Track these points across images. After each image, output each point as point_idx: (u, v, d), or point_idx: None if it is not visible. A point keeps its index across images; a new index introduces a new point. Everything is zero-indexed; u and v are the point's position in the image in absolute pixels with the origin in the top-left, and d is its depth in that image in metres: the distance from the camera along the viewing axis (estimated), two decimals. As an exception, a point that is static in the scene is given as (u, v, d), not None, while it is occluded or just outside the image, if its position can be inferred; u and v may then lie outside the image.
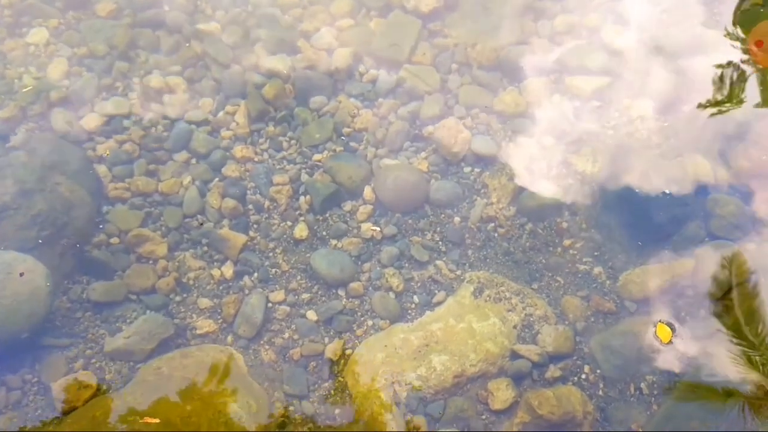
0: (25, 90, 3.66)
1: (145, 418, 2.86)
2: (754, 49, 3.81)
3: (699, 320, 3.18)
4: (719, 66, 3.81)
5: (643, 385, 3.10)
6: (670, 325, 3.17)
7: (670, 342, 3.14)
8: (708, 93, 3.75)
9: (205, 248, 3.39)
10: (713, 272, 3.27)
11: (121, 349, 3.11)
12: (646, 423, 3.02)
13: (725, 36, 3.92)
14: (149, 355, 3.10)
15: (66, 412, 2.93)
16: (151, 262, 3.33)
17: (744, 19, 3.94)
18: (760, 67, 3.78)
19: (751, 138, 3.61)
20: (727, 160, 3.59)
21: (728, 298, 3.20)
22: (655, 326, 3.18)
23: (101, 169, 3.53)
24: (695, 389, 3.05)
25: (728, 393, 3.00)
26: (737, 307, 3.17)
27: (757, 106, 3.70)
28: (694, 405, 3.03)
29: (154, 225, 3.43)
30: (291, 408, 3.04)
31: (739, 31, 3.92)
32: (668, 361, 3.11)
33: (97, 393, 2.99)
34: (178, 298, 3.28)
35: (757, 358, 3.05)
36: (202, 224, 3.44)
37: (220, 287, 3.31)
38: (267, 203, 3.51)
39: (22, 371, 3.06)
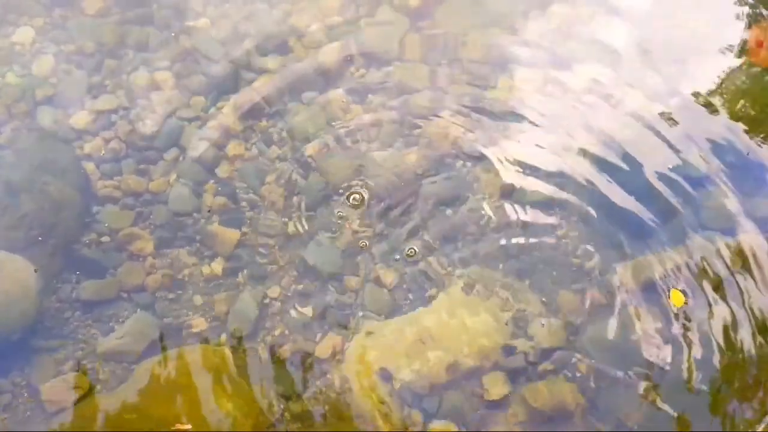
0: None
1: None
2: (754, 48, 3.80)
3: (692, 311, 3.19)
4: (716, 61, 3.83)
5: (633, 376, 3.10)
6: (683, 292, 3.20)
7: (684, 305, 3.17)
8: (703, 87, 3.77)
9: (197, 245, 3.38)
10: (706, 263, 3.29)
11: (113, 350, 3.10)
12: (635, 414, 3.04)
13: (723, 31, 3.93)
14: (141, 356, 3.09)
15: (56, 414, 2.93)
16: (141, 259, 3.32)
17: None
18: (760, 66, 3.79)
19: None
20: (718, 152, 3.60)
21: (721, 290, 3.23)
22: (669, 292, 3.20)
23: (90, 167, 3.51)
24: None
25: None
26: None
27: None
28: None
29: (144, 223, 3.42)
30: (284, 407, 3.03)
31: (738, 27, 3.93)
32: (660, 352, 3.12)
33: (89, 395, 2.98)
34: (171, 296, 3.27)
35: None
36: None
37: (211, 284, 3.31)
38: (259, 200, 3.50)
39: (12, 374, 3.04)
